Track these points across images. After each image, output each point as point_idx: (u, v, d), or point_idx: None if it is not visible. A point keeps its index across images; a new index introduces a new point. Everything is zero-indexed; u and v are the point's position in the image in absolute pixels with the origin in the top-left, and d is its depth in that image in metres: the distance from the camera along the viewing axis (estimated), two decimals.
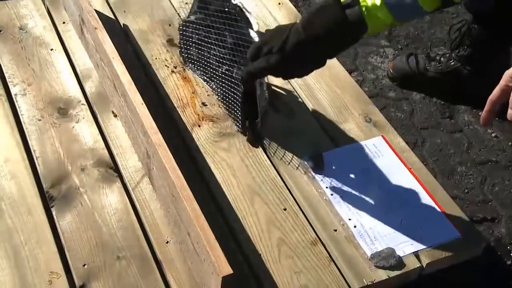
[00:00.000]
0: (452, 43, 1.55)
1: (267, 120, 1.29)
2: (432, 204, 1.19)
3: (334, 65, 1.47)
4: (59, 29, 1.47)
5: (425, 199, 1.20)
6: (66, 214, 1.09)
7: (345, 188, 1.20)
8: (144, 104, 1.12)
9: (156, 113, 1.13)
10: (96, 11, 1.50)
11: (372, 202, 1.19)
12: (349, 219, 1.15)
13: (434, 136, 1.49)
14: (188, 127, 1.28)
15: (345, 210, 1.16)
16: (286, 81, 1.41)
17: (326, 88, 1.41)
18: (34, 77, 1.33)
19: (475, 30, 1.48)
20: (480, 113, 1.31)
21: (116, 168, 1.19)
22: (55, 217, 1.09)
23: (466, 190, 1.38)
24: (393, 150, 1.28)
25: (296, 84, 1.41)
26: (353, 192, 1.20)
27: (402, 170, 1.25)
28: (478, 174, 1.41)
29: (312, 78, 1.42)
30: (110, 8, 1.55)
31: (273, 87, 1.38)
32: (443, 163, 1.43)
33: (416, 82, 1.60)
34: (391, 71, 1.63)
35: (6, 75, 1.33)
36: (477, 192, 1.38)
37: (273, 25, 1.55)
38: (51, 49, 1.40)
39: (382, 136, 1.31)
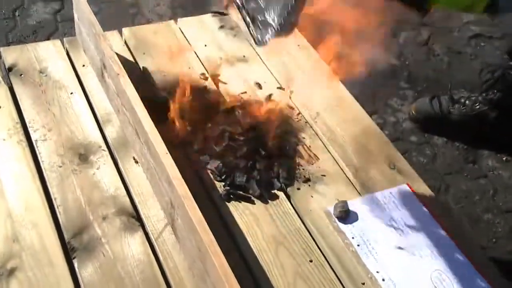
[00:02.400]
0: (482, 85, 1.54)
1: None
2: (462, 256, 1.16)
3: (356, 109, 1.46)
4: (79, 71, 1.46)
5: (454, 250, 1.17)
6: (87, 266, 1.07)
7: (372, 238, 1.17)
8: (168, 154, 1.10)
9: (176, 157, 1.11)
10: (115, 53, 1.51)
11: (400, 253, 1.16)
12: (377, 272, 1.12)
13: (458, 182, 1.47)
14: (210, 174, 1.26)
15: (373, 262, 1.13)
16: (309, 126, 1.39)
17: (348, 133, 1.39)
18: (55, 122, 1.32)
19: (509, 76, 1.47)
20: (504, 159, 1.30)
21: (138, 217, 1.17)
22: (76, 269, 1.06)
23: (494, 239, 1.35)
24: (419, 198, 1.26)
25: (318, 129, 1.39)
26: (380, 242, 1.17)
27: (429, 220, 1.22)
28: (505, 222, 1.39)
29: (335, 123, 1.41)
30: (129, 50, 1.55)
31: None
32: (468, 210, 1.40)
33: (439, 125, 1.59)
34: (413, 112, 1.62)
35: (26, 120, 1.31)
36: (506, 241, 1.35)
37: (292, 68, 1.55)
38: (71, 93, 1.39)
39: (407, 183, 1.29)
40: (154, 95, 1.41)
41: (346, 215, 1.20)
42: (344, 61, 1.41)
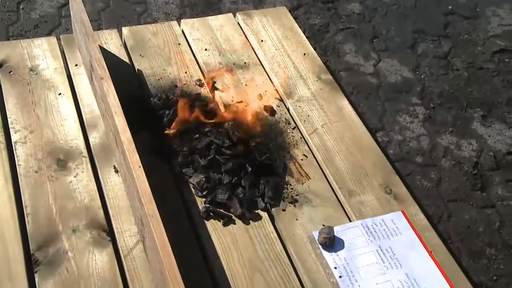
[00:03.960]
0: None
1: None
2: None
3: (357, 126, 1.37)
4: (71, 71, 1.41)
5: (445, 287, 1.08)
6: (49, 282, 1.01)
7: (356, 270, 1.09)
8: (141, 167, 1.04)
9: (159, 168, 1.04)
10: (110, 53, 1.45)
11: None
12: None
13: (462, 210, 1.37)
14: (192, 188, 1.20)
15: None
16: (304, 142, 1.32)
17: (345, 152, 1.31)
18: (37, 124, 1.27)
19: None
20: None
21: (110, 230, 1.11)
22: (37, 284, 1.01)
23: (494, 277, 1.24)
24: (413, 228, 1.17)
25: (313, 146, 1.31)
26: (364, 275, 1.09)
27: (421, 253, 1.13)
28: (510, 259, 1.28)
29: (333, 140, 1.32)
30: (127, 50, 1.49)
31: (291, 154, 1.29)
32: (470, 242, 1.30)
33: None
34: None
35: (9, 120, 1.27)
36: (508, 280, 1.24)
37: (295, 78, 1.47)
38: (59, 94, 1.34)
39: (402, 211, 1.20)
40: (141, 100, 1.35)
41: (330, 242, 1.12)
42: None
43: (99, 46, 1.27)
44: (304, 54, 1.55)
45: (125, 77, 1.40)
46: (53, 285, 1.01)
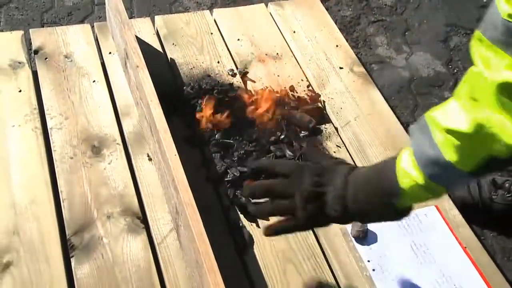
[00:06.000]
0: None
1: None
2: None
3: (390, 120, 1.36)
4: (104, 59, 1.42)
5: (480, 284, 1.07)
6: (85, 266, 1.02)
7: (389, 264, 1.08)
8: (177, 156, 1.04)
9: (193, 158, 1.04)
10: (143, 42, 1.46)
11: (419, 283, 1.07)
12: None
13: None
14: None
15: None
16: (336, 134, 1.31)
17: (378, 146, 1.30)
18: (72, 110, 1.28)
19: None
20: None
21: (144, 218, 1.12)
22: (73, 268, 1.02)
23: None
24: (447, 223, 1.16)
25: (346, 139, 1.30)
26: (398, 269, 1.08)
27: (456, 248, 1.12)
28: None
29: (365, 133, 1.31)
30: (160, 39, 1.49)
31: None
32: (504, 239, 1.28)
33: (479, 214, 1.35)
34: None
35: (45, 106, 1.28)
36: None
37: (327, 70, 1.46)
38: (94, 81, 1.35)
39: (435, 206, 1.19)
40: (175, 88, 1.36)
41: (364, 235, 1.12)
42: None
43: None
44: (337, 46, 1.54)
45: (158, 65, 1.40)
46: (88, 270, 1.02)
